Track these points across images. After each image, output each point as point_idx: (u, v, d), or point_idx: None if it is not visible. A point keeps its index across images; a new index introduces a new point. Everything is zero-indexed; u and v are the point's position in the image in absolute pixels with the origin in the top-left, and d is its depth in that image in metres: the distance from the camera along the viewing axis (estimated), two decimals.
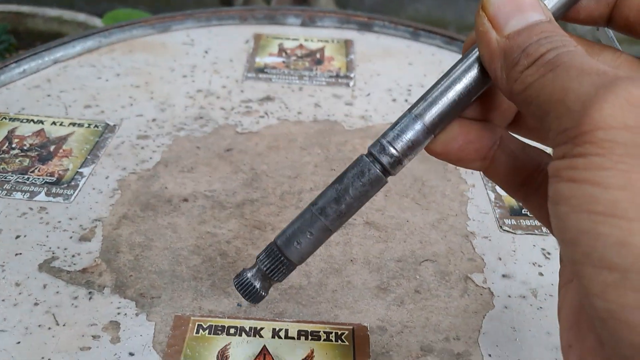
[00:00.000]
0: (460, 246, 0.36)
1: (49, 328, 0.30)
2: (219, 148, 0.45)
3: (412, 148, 0.22)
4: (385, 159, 0.23)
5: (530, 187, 0.23)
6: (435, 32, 0.62)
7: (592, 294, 0.16)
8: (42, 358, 0.29)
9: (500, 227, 0.38)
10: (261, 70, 0.56)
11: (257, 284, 0.25)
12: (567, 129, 0.17)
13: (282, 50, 0.60)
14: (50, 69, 0.55)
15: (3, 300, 0.32)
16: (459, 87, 0.22)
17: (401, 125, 0.22)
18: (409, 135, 0.22)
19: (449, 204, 0.40)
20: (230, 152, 0.45)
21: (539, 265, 0.35)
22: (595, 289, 0.15)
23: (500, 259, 0.36)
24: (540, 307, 0.33)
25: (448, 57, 0.60)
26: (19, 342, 0.29)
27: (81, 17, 1.41)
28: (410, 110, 0.22)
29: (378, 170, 0.23)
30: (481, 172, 0.42)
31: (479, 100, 0.23)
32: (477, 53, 0.22)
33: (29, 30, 1.50)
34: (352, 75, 0.56)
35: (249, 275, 0.25)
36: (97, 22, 1.40)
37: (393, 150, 0.22)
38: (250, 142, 0.46)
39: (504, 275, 0.35)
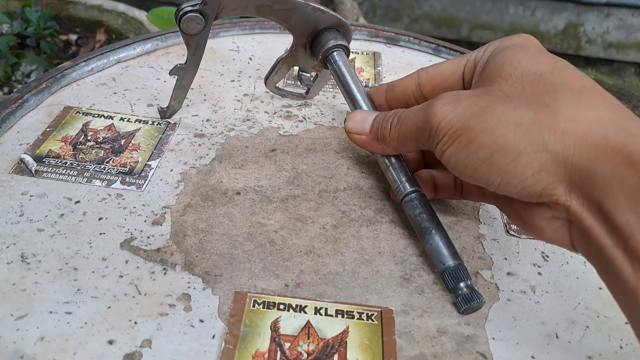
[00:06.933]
0: (472, 246, 0.41)
1: (133, 297, 0.35)
2: (264, 148, 0.50)
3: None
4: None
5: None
6: (455, 50, 0.66)
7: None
8: (130, 320, 0.34)
9: (507, 231, 0.43)
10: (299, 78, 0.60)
11: (474, 294, 0.36)
12: (428, 136, 0.34)
13: None
14: (114, 68, 0.59)
15: (93, 271, 0.37)
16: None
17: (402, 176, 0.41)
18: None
19: (463, 208, 0.45)
20: (274, 152, 0.49)
21: (539, 266, 0.40)
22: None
23: (505, 258, 0.40)
24: (537, 302, 0.38)
25: None
26: (109, 307, 0.35)
27: (121, 7, 1.45)
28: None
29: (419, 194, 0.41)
30: None
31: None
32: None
33: (70, 17, 1.55)
34: None
35: (470, 297, 0.36)
36: (135, 12, 1.44)
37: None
38: (291, 144, 0.51)
39: (508, 273, 0.39)
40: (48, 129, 0.49)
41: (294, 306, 0.36)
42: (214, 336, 0.33)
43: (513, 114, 0.31)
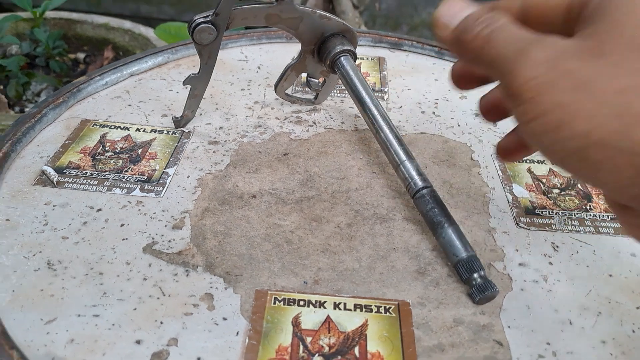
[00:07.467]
0: (484, 239, 0.42)
1: (158, 298, 0.36)
2: (277, 152, 0.51)
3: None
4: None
5: None
6: None
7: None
8: (155, 321, 0.35)
9: (517, 224, 0.44)
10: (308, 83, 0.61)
11: (488, 284, 0.36)
12: (507, 86, 0.27)
13: None
14: (127, 81, 0.61)
15: (118, 275, 0.38)
16: None
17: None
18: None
19: (473, 203, 0.46)
20: (287, 156, 0.50)
21: (549, 256, 0.41)
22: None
23: (517, 250, 0.41)
24: (550, 290, 0.38)
25: None
26: (135, 309, 0.35)
27: (127, 24, 1.47)
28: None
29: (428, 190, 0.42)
30: (500, 175, 0.47)
31: None
32: None
33: (78, 36, 1.57)
34: (385, 89, 0.62)
35: (484, 286, 0.36)
36: (141, 29, 1.46)
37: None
38: (303, 148, 0.52)
39: (520, 264, 0.40)
40: (67, 142, 0.50)
41: (313, 302, 0.36)
42: (237, 333, 0.34)
43: (619, 99, 0.24)
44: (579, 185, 0.48)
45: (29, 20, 1.46)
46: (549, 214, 0.45)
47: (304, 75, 0.55)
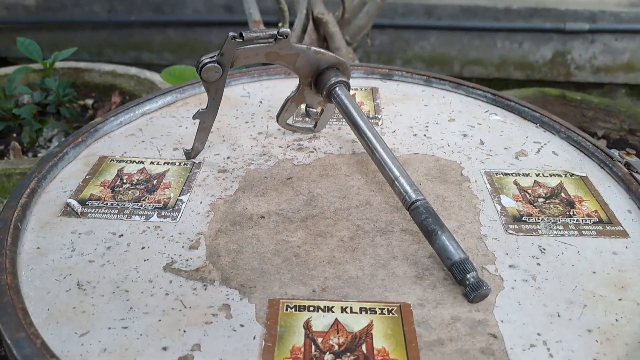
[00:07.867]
0: (476, 245, 0.45)
1: (180, 310, 0.39)
2: (281, 177, 0.54)
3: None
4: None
5: None
6: (445, 79, 0.72)
7: None
8: (179, 330, 0.37)
9: (506, 230, 0.47)
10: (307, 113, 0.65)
11: (481, 283, 0.39)
12: None
13: None
14: (140, 120, 0.65)
15: (142, 292, 0.41)
16: None
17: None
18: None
19: (465, 214, 0.49)
20: (291, 180, 0.54)
21: (537, 258, 0.44)
22: None
23: (507, 254, 0.44)
24: (539, 288, 0.41)
25: (456, 99, 0.69)
26: (160, 320, 0.38)
27: (133, 70, 1.53)
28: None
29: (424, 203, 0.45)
30: (489, 188, 0.50)
31: None
32: None
33: (86, 83, 1.63)
34: (379, 116, 0.65)
35: (477, 285, 0.39)
36: (147, 74, 1.51)
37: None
38: (305, 172, 0.55)
39: (510, 266, 0.43)
40: (87, 177, 0.54)
41: (322, 307, 0.39)
42: (254, 337, 0.37)
43: None
44: (562, 194, 0.51)
45: (38, 71, 1.52)
46: (535, 220, 0.48)
47: (303, 106, 0.59)
